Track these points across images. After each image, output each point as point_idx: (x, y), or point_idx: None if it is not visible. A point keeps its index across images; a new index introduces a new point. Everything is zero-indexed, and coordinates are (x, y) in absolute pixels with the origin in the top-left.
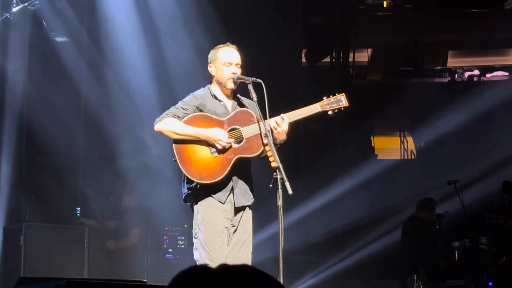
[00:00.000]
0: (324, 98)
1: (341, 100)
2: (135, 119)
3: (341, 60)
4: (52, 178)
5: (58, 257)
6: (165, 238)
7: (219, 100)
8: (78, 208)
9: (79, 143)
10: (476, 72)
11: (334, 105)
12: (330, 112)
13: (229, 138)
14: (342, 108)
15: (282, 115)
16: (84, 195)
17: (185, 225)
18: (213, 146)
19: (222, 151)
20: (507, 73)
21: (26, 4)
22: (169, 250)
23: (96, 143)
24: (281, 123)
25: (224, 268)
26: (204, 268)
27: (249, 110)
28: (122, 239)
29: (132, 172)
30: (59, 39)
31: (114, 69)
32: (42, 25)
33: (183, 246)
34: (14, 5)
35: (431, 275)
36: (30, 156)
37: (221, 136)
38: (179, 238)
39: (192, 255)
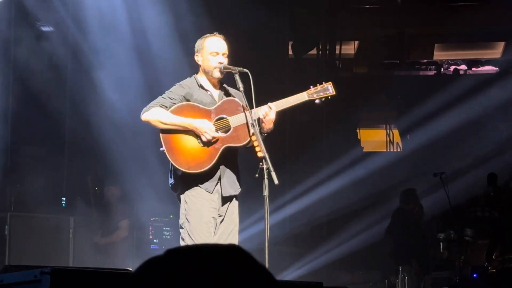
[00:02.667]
0: (311, 86)
1: (328, 89)
2: (121, 109)
3: (327, 52)
4: (38, 168)
5: (43, 248)
6: (150, 229)
7: (206, 90)
8: (64, 199)
9: (64, 133)
10: (464, 67)
11: (321, 93)
12: (317, 101)
13: (216, 128)
14: (329, 97)
15: (269, 104)
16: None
17: (171, 216)
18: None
19: (209, 141)
20: (495, 68)
21: None
22: (155, 241)
23: (81, 133)
24: (269, 112)
25: (207, 248)
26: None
27: (236, 99)
28: (112, 232)
29: (118, 162)
30: (45, 28)
31: (100, 58)
32: (28, 15)
33: (168, 237)
34: None
35: (422, 265)
36: (15, 146)
37: (207, 129)
38: (164, 228)
39: (178, 245)
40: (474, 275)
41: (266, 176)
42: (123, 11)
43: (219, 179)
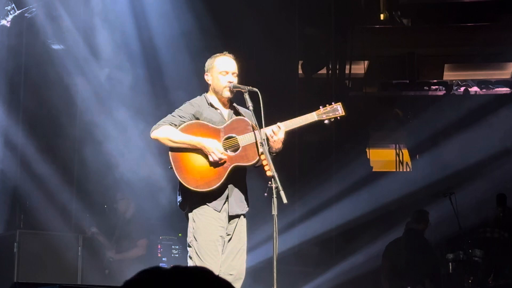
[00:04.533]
0: (321, 107)
1: (337, 109)
2: (131, 128)
3: (337, 72)
4: (47, 185)
5: (52, 265)
6: (159, 247)
7: (216, 108)
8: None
9: (73, 151)
10: (475, 88)
11: (330, 114)
12: (326, 121)
13: (225, 147)
14: (338, 117)
15: (278, 123)
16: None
17: (180, 234)
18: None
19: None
20: (507, 88)
21: (23, 10)
22: (163, 259)
23: (91, 151)
24: (278, 132)
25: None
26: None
27: (245, 119)
28: (128, 249)
29: (127, 179)
30: (55, 46)
31: (110, 77)
32: (38, 32)
33: (177, 255)
34: (11, 12)
35: (435, 285)
36: (24, 164)
37: (215, 149)
38: (173, 247)
39: (186, 264)
40: None
41: (275, 195)
42: (134, 29)
43: (227, 198)
